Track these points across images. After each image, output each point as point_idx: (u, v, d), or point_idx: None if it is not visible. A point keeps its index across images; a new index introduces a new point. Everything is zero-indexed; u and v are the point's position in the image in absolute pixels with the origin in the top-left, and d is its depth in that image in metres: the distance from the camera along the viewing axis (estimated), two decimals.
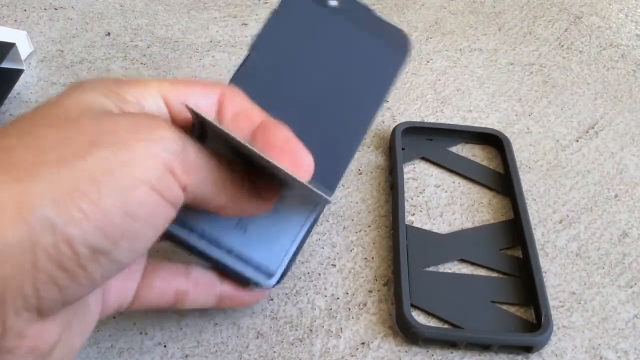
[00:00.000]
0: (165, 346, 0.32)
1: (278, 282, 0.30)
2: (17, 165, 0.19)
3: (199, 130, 0.26)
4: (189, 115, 0.25)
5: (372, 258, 0.37)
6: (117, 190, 0.20)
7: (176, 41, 0.51)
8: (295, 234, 0.30)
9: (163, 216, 0.22)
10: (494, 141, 0.44)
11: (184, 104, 0.25)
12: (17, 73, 0.45)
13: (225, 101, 0.26)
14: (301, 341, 0.33)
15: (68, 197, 0.19)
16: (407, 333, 0.32)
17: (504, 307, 0.34)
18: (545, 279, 0.35)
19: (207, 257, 0.29)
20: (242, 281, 0.29)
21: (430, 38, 0.54)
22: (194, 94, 0.25)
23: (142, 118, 0.22)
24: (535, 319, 0.34)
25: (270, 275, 0.29)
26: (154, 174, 0.21)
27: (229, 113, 0.25)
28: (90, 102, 0.22)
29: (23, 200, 0.18)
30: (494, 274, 0.36)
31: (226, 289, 0.29)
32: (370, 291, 0.35)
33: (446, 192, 0.41)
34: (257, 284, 0.29)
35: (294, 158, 0.24)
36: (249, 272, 0.29)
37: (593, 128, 0.46)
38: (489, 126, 0.46)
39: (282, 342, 0.32)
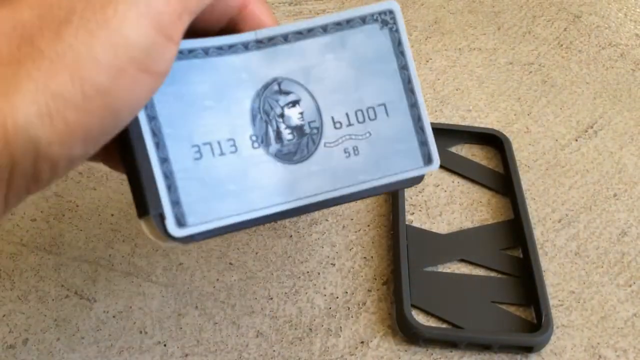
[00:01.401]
0: (165, 345, 0.32)
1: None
2: None
3: None
4: None
5: (372, 257, 0.37)
6: (101, 83, 0.17)
7: None
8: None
9: (149, 93, 0.19)
10: (493, 141, 0.44)
11: None
12: None
13: None
14: (301, 340, 0.33)
15: (53, 106, 0.17)
16: (408, 333, 0.32)
17: (504, 307, 0.35)
18: (544, 278, 0.35)
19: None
20: None
21: (430, 37, 0.54)
22: None
23: None
24: (535, 319, 0.34)
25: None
26: (141, 45, 0.18)
27: None
28: None
29: (4, 116, 0.16)
30: (494, 274, 0.36)
31: None
32: (369, 290, 0.35)
33: (445, 191, 0.41)
34: None
35: None
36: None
37: (592, 127, 0.46)
38: (488, 126, 0.46)
39: (282, 341, 0.32)
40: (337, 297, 0.35)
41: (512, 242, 0.38)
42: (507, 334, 0.33)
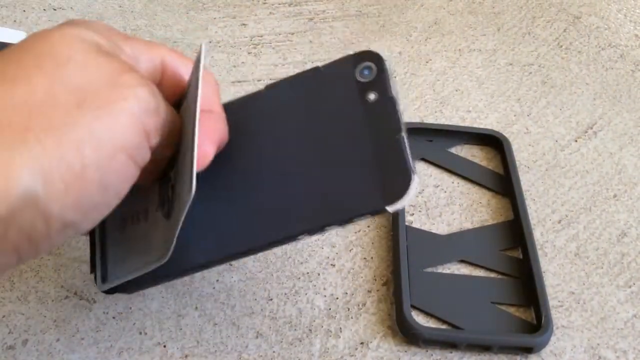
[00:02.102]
0: (164, 346, 0.32)
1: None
2: (5, 131, 0.18)
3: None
4: (179, 80, 0.26)
5: (372, 258, 0.37)
6: (99, 159, 0.20)
7: (175, 42, 0.51)
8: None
9: (130, 182, 0.22)
10: (493, 142, 0.44)
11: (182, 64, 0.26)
12: None
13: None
14: (300, 341, 0.33)
15: (55, 168, 0.19)
16: (407, 334, 0.32)
17: (504, 307, 0.34)
18: (544, 279, 0.35)
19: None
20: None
21: (430, 38, 0.54)
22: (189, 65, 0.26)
23: (118, 65, 0.22)
24: (535, 320, 0.34)
25: None
26: (132, 139, 0.21)
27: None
28: (81, 36, 0.22)
29: (9, 169, 0.18)
30: (494, 275, 0.36)
31: None
32: (369, 291, 0.35)
33: (445, 192, 0.41)
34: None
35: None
36: None
37: (592, 128, 0.47)
38: (487, 126, 0.46)
39: (282, 342, 0.32)
40: (337, 298, 0.35)
41: (511, 242, 0.38)
42: (506, 334, 0.33)
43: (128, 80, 0.21)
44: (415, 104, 0.47)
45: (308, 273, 0.36)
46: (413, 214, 0.39)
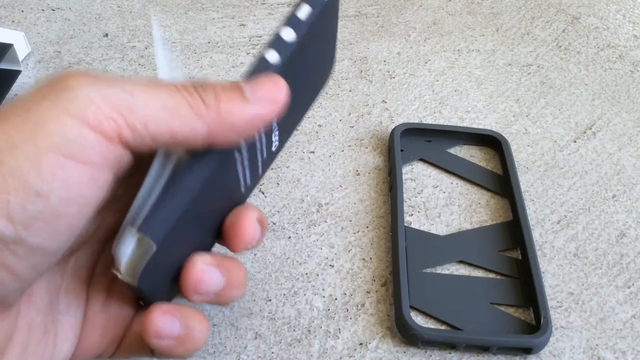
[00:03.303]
0: None
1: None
2: None
3: None
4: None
5: (370, 259, 0.37)
6: (20, 167, 0.17)
7: (174, 42, 0.51)
8: None
9: (87, 183, 0.18)
10: (492, 142, 0.44)
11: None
12: (14, 74, 0.45)
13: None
14: (299, 342, 0.33)
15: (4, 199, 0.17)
16: (406, 335, 0.32)
17: (503, 308, 0.34)
18: (543, 280, 0.35)
19: None
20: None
21: (428, 39, 0.54)
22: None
23: (58, 79, 0.19)
24: (534, 321, 0.34)
25: None
26: (61, 136, 0.17)
27: None
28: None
29: None
30: (493, 276, 0.36)
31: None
32: (368, 292, 0.35)
33: (444, 192, 0.41)
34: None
35: None
36: None
37: (591, 129, 0.46)
38: (486, 127, 0.46)
39: (280, 342, 0.32)
40: (336, 299, 0.35)
41: (510, 243, 0.38)
42: (505, 335, 0.33)
43: (59, 83, 0.19)
44: (414, 104, 0.47)
45: (307, 274, 0.36)
46: (412, 215, 0.39)
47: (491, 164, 0.43)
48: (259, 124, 0.21)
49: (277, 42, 0.22)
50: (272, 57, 0.22)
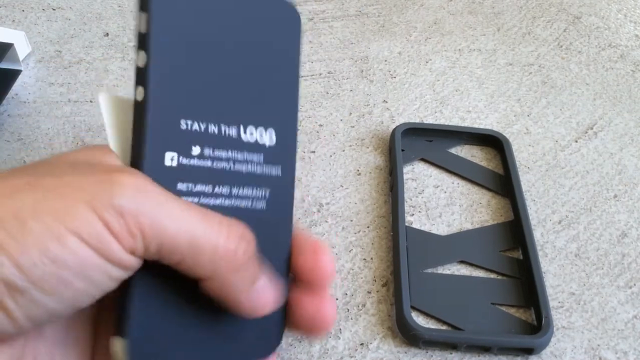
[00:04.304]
0: None
1: None
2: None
3: None
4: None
5: (371, 259, 0.37)
6: (41, 233, 0.18)
7: None
8: None
9: (100, 272, 0.19)
10: (493, 142, 0.44)
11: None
12: (15, 73, 0.45)
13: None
14: (300, 342, 0.32)
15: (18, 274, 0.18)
16: (407, 335, 0.32)
17: (504, 308, 0.34)
18: (544, 280, 0.35)
19: None
20: None
21: (429, 38, 0.54)
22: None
23: (102, 165, 0.20)
24: (535, 321, 0.34)
25: None
26: (85, 227, 0.18)
27: None
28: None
29: None
30: (494, 276, 0.36)
31: None
32: (369, 292, 0.35)
33: (445, 192, 0.41)
34: None
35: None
36: None
37: (592, 128, 0.46)
38: (487, 127, 0.45)
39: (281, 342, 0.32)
40: (337, 299, 0.34)
41: (512, 243, 0.38)
42: (507, 335, 0.33)
43: (102, 172, 0.20)
44: (415, 104, 0.47)
45: None
46: (413, 215, 0.39)
47: (492, 163, 0.43)
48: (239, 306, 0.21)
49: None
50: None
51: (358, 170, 0.42)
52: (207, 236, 0.20)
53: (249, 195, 0.23)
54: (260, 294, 0.21)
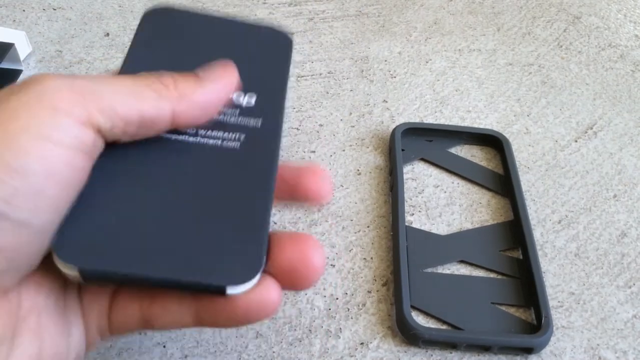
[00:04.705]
0: (164, 346, 0.32)
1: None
2: None
3: None
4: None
5: (371, 258, 0.37)
6: None
7: None
8: None
9: (66, 164, 0.19)
10: (493, 142, 0.44)
11: None
12: (15, 73, 0.45)
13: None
14: (300, 341, 0.33)
15: None
16: (407, 335, 0.32)
17: (504, 308, 0.34)
18: (544, 280, 0.35)
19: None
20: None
21: (429, 38, 0.54)
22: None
23: (26, 79, 0.20)
24: (535, 321, 0.34)
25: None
26: (34, 120, 0.18)
27: None
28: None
29: None
30: (494, 275, 0.36)
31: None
32: (369, 291, 0.35)
33: (445, 192, 0.41)
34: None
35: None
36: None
37: (592, 128, 0.46)
38: (487, 126, 0.46)
39: (281, 342, 0.32)
40: (337, 299, 0.35)
41: (511, 243, 0.38)
42: (506, 335, 0.33)
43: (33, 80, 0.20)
44: (415, 104, 0.47)
45: None
46: (413, 214, 0.39)
47: (492, 163, 0.43)
48: (217, 101, 0.23)
49: None
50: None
51: (358, 170, 0.42)
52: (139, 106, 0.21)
53: (219, 136, 0.24)
54: None
